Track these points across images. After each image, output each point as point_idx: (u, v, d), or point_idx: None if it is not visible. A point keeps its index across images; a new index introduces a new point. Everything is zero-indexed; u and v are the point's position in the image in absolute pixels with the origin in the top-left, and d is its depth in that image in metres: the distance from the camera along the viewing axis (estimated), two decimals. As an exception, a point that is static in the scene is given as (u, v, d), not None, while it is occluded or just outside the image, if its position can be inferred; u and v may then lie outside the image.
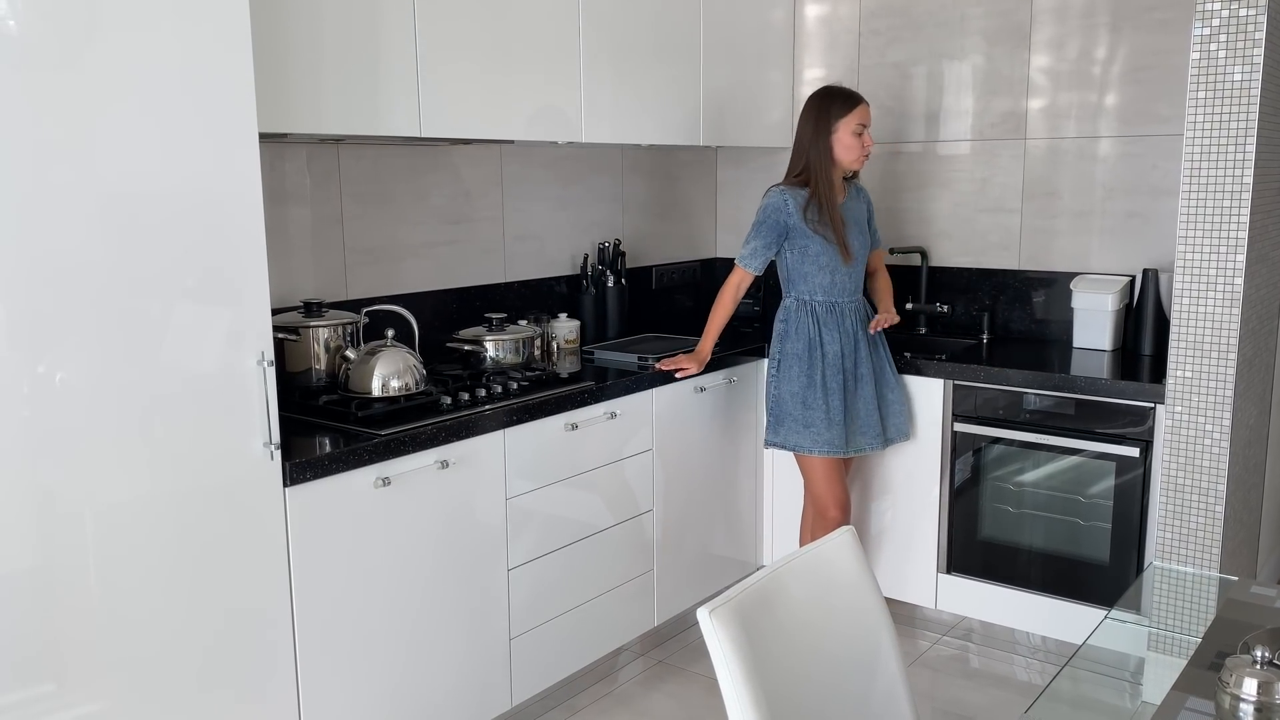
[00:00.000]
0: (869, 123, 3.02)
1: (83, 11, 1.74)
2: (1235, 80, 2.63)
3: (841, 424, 3.05)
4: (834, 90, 3.03)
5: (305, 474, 2.15)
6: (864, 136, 3.00)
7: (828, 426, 3.03)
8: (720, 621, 1.40)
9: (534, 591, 2.72)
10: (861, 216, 3.13)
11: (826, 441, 3.03)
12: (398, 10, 2.49)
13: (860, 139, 2.99)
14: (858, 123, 2.98)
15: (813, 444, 3.04)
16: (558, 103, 2.96)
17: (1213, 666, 1.62)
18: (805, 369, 3.04)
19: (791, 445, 3.07)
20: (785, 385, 3.07)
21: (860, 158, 3.02)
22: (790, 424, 3.07)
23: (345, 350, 2.58)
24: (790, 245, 3.04)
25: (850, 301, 3.09)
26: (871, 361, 3.11)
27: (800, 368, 3.04)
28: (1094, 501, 3.03)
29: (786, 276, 3.09)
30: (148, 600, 1.93)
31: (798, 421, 3.05)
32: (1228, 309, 2.71)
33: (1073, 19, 3.36)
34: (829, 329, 3.05)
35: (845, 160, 3.01)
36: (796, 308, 3.08)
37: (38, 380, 1.74)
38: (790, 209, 2.99)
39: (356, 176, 2.90)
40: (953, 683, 3.09)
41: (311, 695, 2.23)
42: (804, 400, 3.04)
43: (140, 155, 1.84)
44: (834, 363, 3.04)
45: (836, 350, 3.04)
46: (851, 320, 3.08)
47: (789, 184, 3.04)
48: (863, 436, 3.09)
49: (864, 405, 3.09)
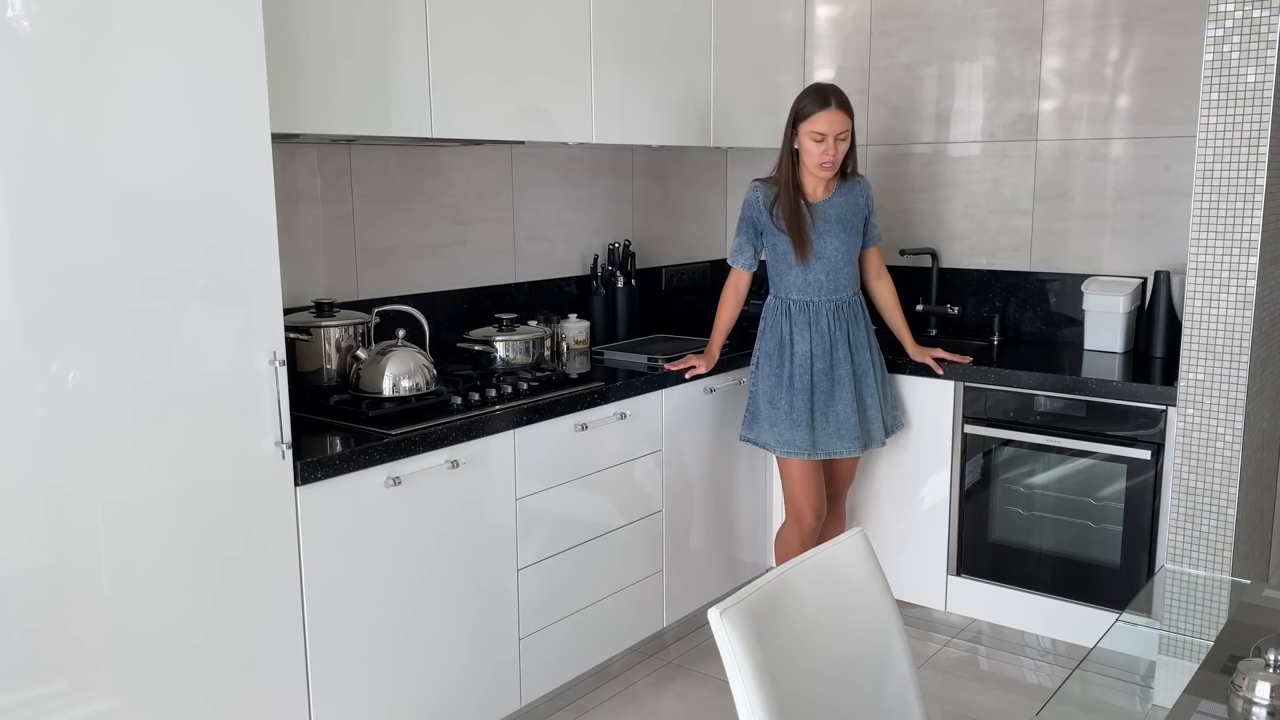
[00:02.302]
0: (835, 132, 2.85)
1: (97, 13, 1.75)
2: (1248, 81, 2.62)
3: (806, 426, 2.98)
4: (813, 89, 2.90)
5: (316, 473, 2.15)
6: (825, 144, 2.85)
7: (790, 427, 2.99)
8: (731, 622, 1.40)
9: (543, 592, 2.73)
10: (850, 214, 3.01)
11: (787, 442, 2.99)
12: (409, 12, 2.50)
13: (820, 146, 2.86)
14: (817, 130, 2.85)
15: (777, 444, 3.02)
16: (569, 104, 2.97)
17: (1225, 670, 1.61)
18: (775, 368, 3.03)
19: (760, 443, 3.08)
20: (759, 383, 3.07)
21: (820, 164, 2.88)
22: (762, 421, 3.07)
23: (356, 350, 2.59)
24: (764, 242, 3.04)
25: (828, 301, 3.00)
26: (852, 364, 3.01)
27: (770, 366, 3.04)
28: (1105, 504, 3.02)
29: (768, 274, 3.10)
30: (159, 597, 1.94)
31: (766, 420, 3.05)
32: (1240, 311, 2.70)
33: (1085, 20, 3.35)
34: (800, 328, 3.00)
35: (807, 164, 2.91)
36: (774, 306, 3.07)
37: (51, 379, 1.75)
38: (759, 205, 3.00)
39: (368, 177, 2.90)
40: (963, 685, 3.08)
41: (321, 693, 2.23)
42: (771, 399, 3.03)
43: (153, 155, 1.85)
44: (803, 363, 2.98)
45: (806, 350, 2.98)
46: (829, 320, 3.00)
47: (766, 180, 3.03)
48: (837, 440, 3.01)
49: (841, 408, 3.00)
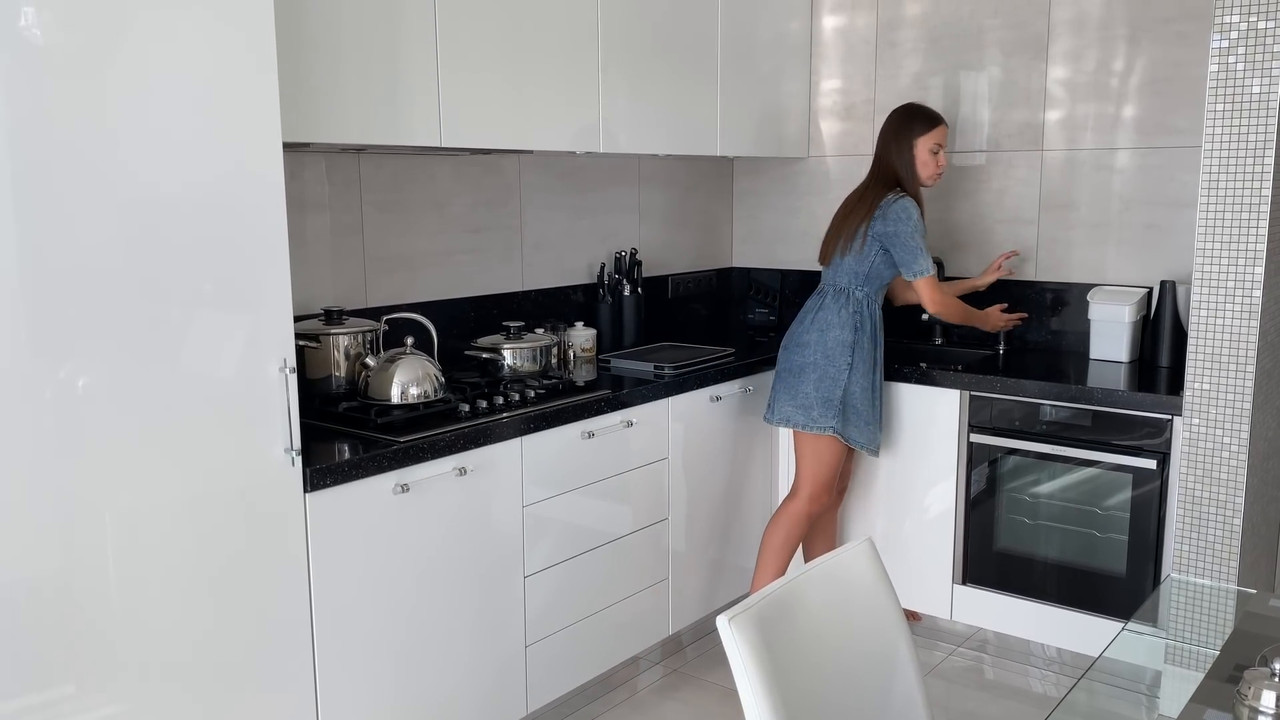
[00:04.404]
0: (944, 143, 3.17)
1: (108, 22, 1.77)
2: (1254, 92, 2.63)
3: (878, 424, 3.22)
4: (912, 108, 3.19)
5: (325, 480, 2.16)
6: (939, 156, 3.16)
7: (876, 427, 3.20)
8: (740, 629, 1.41)
9: (550, 599, 2.73)
10: None
11: (872, 439, 3.20)
12: (419, 21, 2.51)
13: (935, 158, 3.15)
14: (938, 142, 3.14)
15: (868, 441, 3.18)
16: (576, 113, 2.98)
17: (1231, 679, 1.61)
18: (870, 368, 3.14)
19: (859, 444, 3.15)
20: (856, 379, 3.12)
21: (935, 174, 3.17)
22: (854, 419, 3.13)
23: (365, 357, 2.60)
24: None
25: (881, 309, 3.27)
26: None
27: (867, 365, 3.13)
28: (1111, 513, 3.02)
29: (867, 274, 3.12)
30: (167, 604, 1.95)
31: (860, 417, 3.14)
32: (1246, 321, 2.71)
33: (1090, 31, 3.37)
34: (878, 333, 3.18)
35: (923, 175, 3.16)
36: (868, 304, 3.15)
37: (60, 386, 1.76)
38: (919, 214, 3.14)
39: (377, 185, 2.92)
40: (968, 694, 3.08)
41: (329, 699, 2.24)
42: (868, 399, 3.15)
43: (165, 164, 1.86)
44: (879, 366, 3.20)
45: (880, 357, 3.20)
46: (878, 327, 3.20)
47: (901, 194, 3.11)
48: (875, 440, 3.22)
49: (881, 410, 3.25)
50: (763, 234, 4.16)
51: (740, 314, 4.22)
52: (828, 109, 3.93)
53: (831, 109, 3.92)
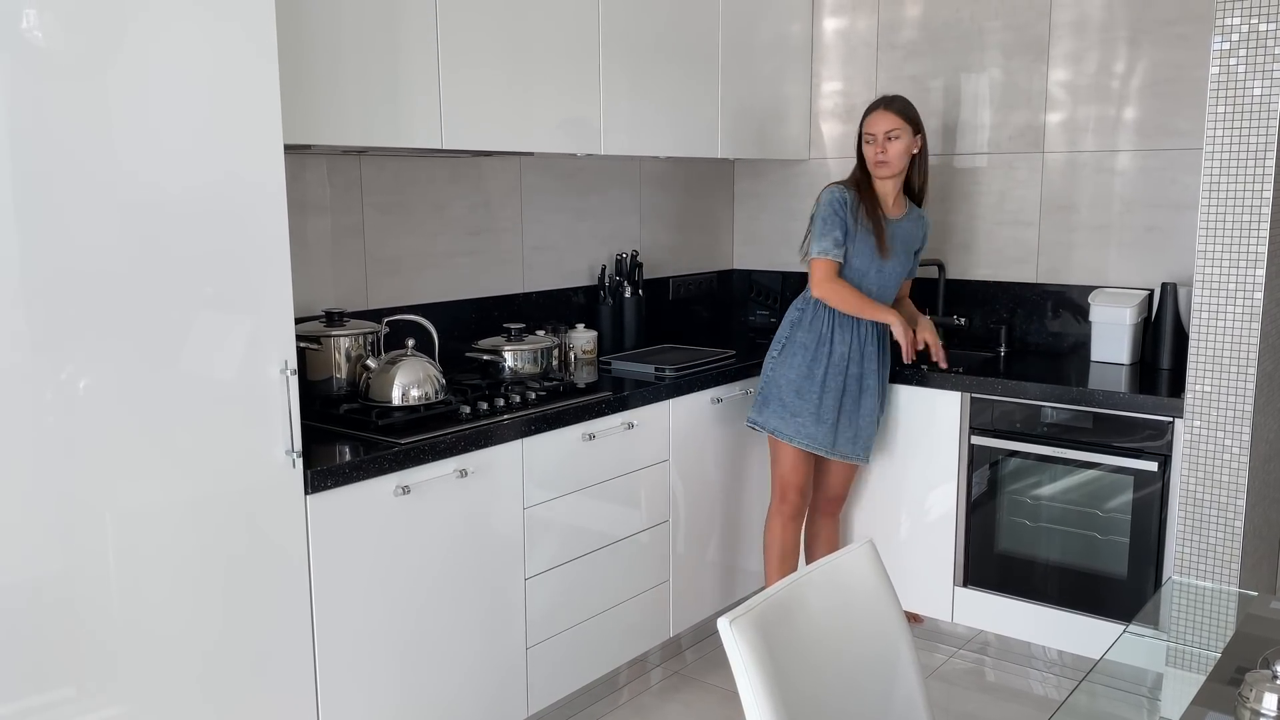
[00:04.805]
0: (883, 130, 3.03)
1: (109, 24, 1.77)
2: (1255, 95, 2.63)
3: (831, 425, 3.07)
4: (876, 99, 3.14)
5: (326, 482, 2.16)
6: (875, 144, 3.05)
7: (815, 423, 3.06)
8: (741, 631, 1.41)
9: (551, 601, 2.73)
10: (911, 241, 3.18)
11: (810, 437, 3.06)
12: (419, 23, 2.51)
13: (870, 147, 3.06)
14: (868, 131, 3.07)
15: (794, 434, 3.06)
16: (577, 114, 2.98)
17: (1232, 682, 1.61)
18: (808, 361, 3.06)
19: (771, 428, 3.10)
20: (783, 370, 3.09)
21: (873, 163, 3.06)
22: (776, 408, 3.08)
23: (366, 359, 2.60)
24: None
25: None
26: (877, 376, 3.14)
27: (804, 358, 3.07)
28: (1112, 516, 3.02)
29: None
30: (168, 605, 1.95)
31: (785, 408, 3.07)
32: (1247, 323, 2.70)
33: (1091, 33, 3.37)
34: (842, 329, 3.07)
35: (868, 164, 3.08)
36: (816, 300, 3.09)
37: (60, 387, 1.76)
38: (845, 204, 3.04)
39: (378, 187, 2.92)
40: (969, 697, 3.08)
41: (330, 701, 2.24)
42: (799, 391, 3.06)
43: (166, 166, 1.86)
44: (839, 363, 3.07)
45: (844, 352, 3.07)
46: (867, 329, 3.10)
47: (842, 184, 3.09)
48: (851, 445, 3.13)
49: (865, 416, 3.13)
50: (764, 236, 4.16)
51: (741, 316, 4.22)
52: (829, 111, 3.93)
53: (832, 111, 3.92)
